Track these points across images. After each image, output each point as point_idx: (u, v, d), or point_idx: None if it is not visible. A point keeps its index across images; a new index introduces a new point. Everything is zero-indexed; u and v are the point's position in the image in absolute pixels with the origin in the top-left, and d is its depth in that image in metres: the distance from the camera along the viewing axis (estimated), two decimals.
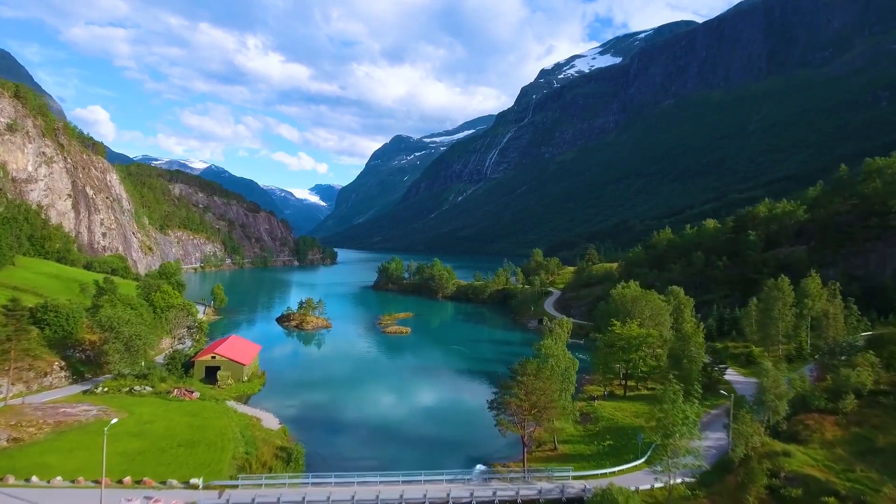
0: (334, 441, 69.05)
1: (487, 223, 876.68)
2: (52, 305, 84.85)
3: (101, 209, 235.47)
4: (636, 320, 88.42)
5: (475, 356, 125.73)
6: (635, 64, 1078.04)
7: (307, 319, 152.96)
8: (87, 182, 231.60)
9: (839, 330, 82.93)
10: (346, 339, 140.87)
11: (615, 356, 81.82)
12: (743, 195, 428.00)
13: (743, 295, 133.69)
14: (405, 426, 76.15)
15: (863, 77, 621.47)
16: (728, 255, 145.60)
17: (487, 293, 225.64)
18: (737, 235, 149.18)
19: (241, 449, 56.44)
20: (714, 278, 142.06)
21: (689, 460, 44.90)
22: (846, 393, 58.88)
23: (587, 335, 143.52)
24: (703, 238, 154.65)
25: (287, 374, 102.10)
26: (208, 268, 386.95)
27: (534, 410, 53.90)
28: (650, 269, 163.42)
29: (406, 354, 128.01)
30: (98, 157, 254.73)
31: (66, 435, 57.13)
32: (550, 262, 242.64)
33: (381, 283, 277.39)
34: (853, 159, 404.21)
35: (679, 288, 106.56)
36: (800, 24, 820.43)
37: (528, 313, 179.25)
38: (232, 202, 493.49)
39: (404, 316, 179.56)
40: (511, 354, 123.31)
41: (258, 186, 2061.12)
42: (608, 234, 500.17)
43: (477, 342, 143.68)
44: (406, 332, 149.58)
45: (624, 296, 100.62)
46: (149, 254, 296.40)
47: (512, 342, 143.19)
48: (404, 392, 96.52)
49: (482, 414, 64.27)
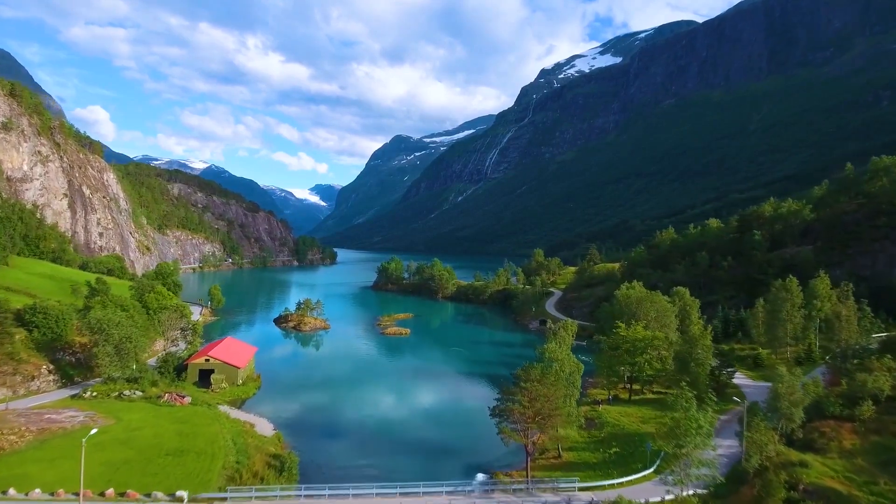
0: (330, 447, 66.65)
1: (487, 223, 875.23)
2: (40, 307, 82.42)
3: (97, 209, 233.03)
4: (641, 322, 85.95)
5: (476, 358, 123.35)
6: (636, 64, 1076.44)
7: (305, 320, 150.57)
8: (84, 181, 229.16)
9: (852, 332, 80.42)
10: (344, 341, 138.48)
11: (620, 359, 79.39)
12: (744, 195, 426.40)
13: (748, 296, 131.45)
14: (404, 431, 73.75)
15: (863, 77, 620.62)
16: (733, 255, 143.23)
17: (488, 294, 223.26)
18: (741, 235, 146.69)
19: (232, 458, 53.99)
20: (718, 279, 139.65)
21: (703, 472, 42.47)
22: (863, 399, 56.46)
23: (590, 337, 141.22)
24: (707, 238, 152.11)
25: (283, 376, 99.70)
26: (207, 268, 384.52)
27: (538, 418, 51.48)
28: (653, 269, 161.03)
29: (405, 356, 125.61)
30: (95, 157, 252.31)
31: (49, 443, 54.73)
32: (551, 263, 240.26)
33: (381, 284, 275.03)
34: (854, 159, 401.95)
35: (684, 289, 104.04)
36: (800, 23, 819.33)
37: (529, 314, 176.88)
38: (231, 202, 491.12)
39: (404, 317, 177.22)
40: (512, 356, 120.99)
41: (258, 186, 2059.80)
42: (609, 234, 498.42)
43: (477, 343, 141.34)
44: (405, 334, 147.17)
45: (628, 297, 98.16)
46: (147, 254, 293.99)
47: (513, 343, 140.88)
48: (403, 395, 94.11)
49: (483, 418, 61.83)
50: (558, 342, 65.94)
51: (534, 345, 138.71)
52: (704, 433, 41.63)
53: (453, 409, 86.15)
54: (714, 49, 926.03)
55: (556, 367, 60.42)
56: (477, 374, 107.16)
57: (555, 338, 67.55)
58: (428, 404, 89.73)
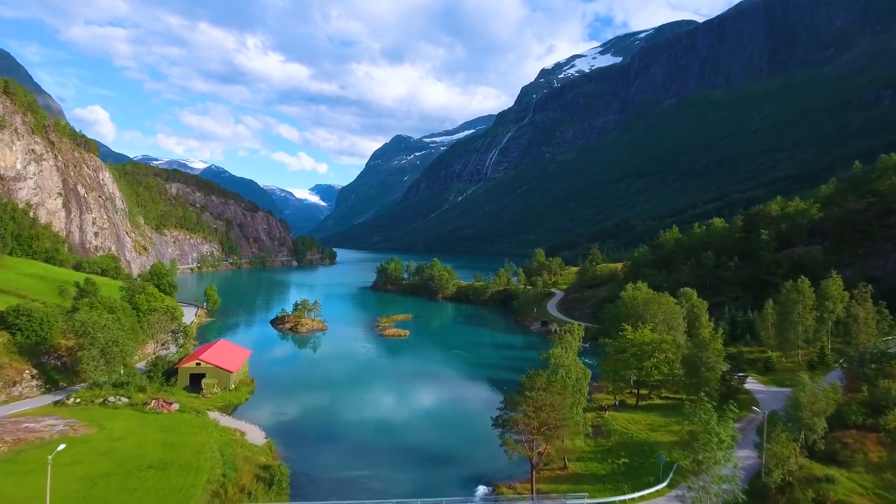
0: (324, 456, 63.48)
1: (487, 223, 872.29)
2: (24, 309, 79.22)
3: (93, 208, 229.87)
4: (648, 324, 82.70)
5: (477, 361, 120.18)
6: (636, 63, 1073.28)
7: (302, 322, 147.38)
8: (79, 180, 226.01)
9: (871, 335, 77.21)
10: (341, 343, 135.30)
11: (626, 363, 76.21)
12: (745, 195, 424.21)
13: (755, 297, 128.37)
14: (402, 438, 70.56)
15: (865, 76, 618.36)
16: (739, 255, 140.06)
17: (488, 294, 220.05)
18: (748, 235, 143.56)
19: (219, 470, 50.75)
20: (725, 279, 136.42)
21: (724, 488, 39.27)
22: (888, 407, 53.31)
23: (594, 339, 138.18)
24: (713, 238, 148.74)
25: (278, 380, 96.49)
26: (205, 268, 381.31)
27: (543, 429, 48.32)
28: (657, 269, 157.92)
29: (404, 359, 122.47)
30: (91, 155, 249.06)
31: (25, 454, 51.52)
32: (553, 263, 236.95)
33: (380, 284, 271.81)
34: (856, 159, 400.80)
35: (692, 290, 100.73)
36: (801, 23, 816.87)
37: (530, 315, 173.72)
38: (230, 202, 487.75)
39: (403, 318, 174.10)
40: (514, 359, 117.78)
41: (258, 186, 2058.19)
42: (610, 233, 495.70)
43: (478, 346, 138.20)
44: (404, 336, 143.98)
45: (635, 298, 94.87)
46: (143, 254, 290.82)
47: (514, 346, 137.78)
48: (401, 401, 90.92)
49: (485, 425, 58.66)
50: (564, 347, 62.72)
51: (536, 347, 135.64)
52: (726, 447, 38.44)
53: (453, 414, 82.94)
54: (715, 49, 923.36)
55: (563, 373, 57.24)
56: (478, 378, 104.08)
57: (560, 342, 64.30)
58: (427, 409, 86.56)
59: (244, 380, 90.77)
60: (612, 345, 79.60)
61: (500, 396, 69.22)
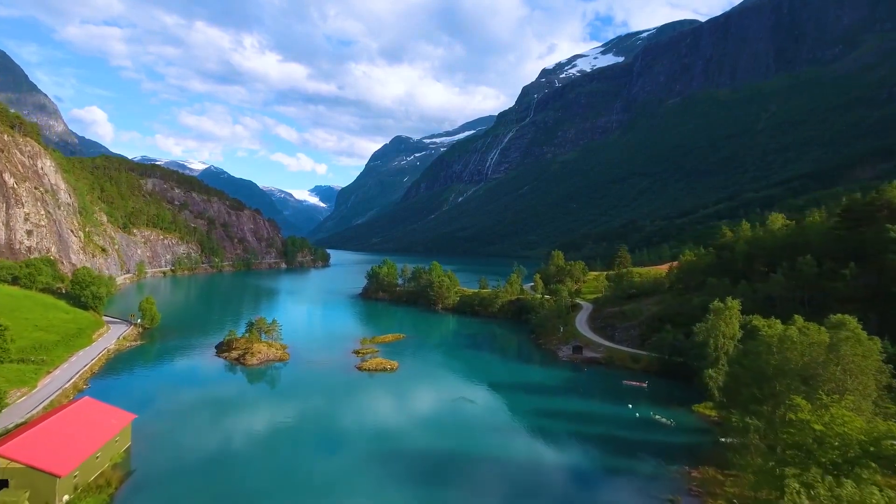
0: None
1: (488, 223, 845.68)
2: None
3: (25, 202, 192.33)
4: (823, 389, 44.76)
5: (492, 420, 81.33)
6: (638, 62, 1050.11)
7: (254, 349, 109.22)
8: (7, 168, 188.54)
9: None
10: (300, 383, 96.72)
11: (805, 474, 38.46)
12: (759, 194, 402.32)
13: (881, 317, 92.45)
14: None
15: (874, 74, 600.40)
16: (847, 259, 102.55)
17: (498, 305, 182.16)
18: (857, 231, 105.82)
19: None
20: (835, 293, 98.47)
21: None
22: None
23: (660, 374, 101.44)
24: (810, 236, 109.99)
25: (175, 462, 58.82)
26: (181, 271, 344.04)
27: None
28: (720, 277, 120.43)
29: (384, 413, 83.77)
30: (26, 139, 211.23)
31: None
32: (575, 267, 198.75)
33: (371, 291, 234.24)
34: (870, 157, 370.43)
35: (851, 317, 61.76)
36: (808, 20, 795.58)
37: (555, 335, 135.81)
38: (213, 199, 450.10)
39: (393, 338, 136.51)
40: (551, 415, 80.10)
41: (257, 187, 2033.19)
42: (616, 234, 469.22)
43: (493, 388, 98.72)
44: (391, 369, 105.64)
45: (790, 342, 53.53)
46: (100, 256, 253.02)
47: (546, 388, 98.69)
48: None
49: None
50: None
51: (575, 387, 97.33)
52: None
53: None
54: (719, 47, 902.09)
55: None
56: (497, 458, 65.96)
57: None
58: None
59: (105, 473, 52.92)
60: (761, 432, 41.57)
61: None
